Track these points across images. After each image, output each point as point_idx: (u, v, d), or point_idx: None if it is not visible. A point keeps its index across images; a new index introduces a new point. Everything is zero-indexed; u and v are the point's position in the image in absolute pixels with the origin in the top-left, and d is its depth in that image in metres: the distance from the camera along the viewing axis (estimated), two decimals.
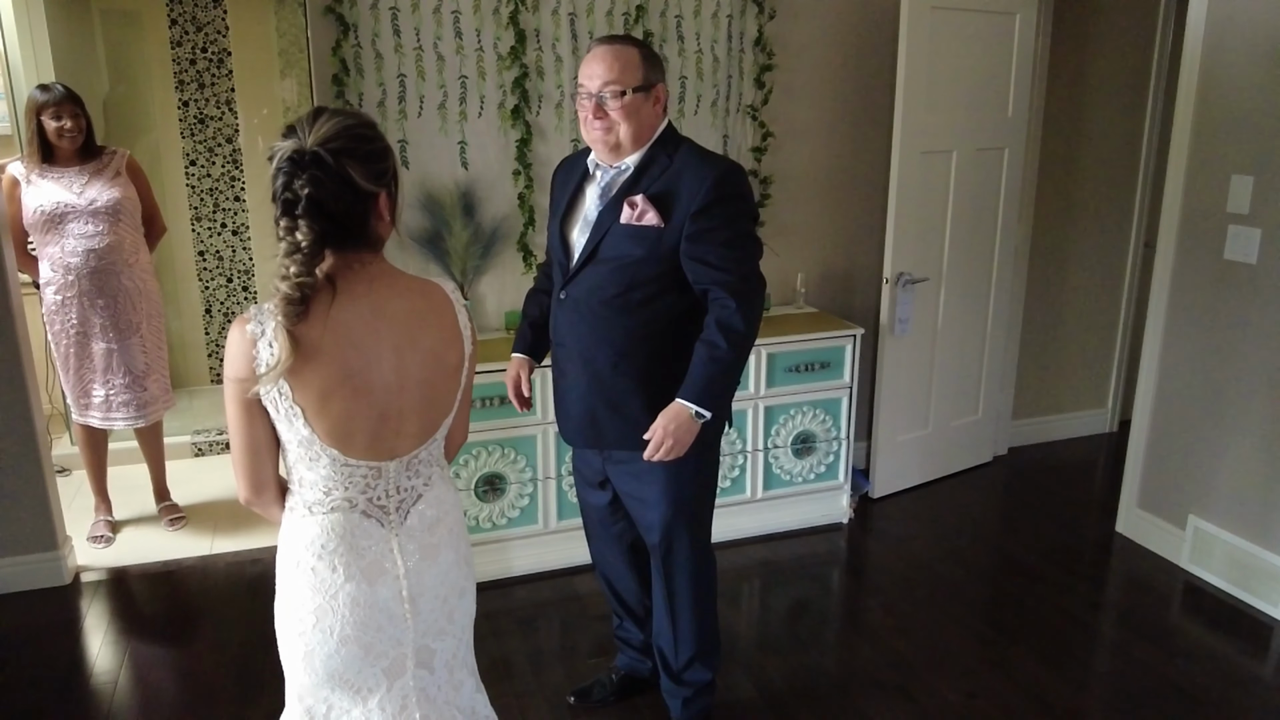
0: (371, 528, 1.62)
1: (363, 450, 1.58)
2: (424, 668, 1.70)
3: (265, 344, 1.49)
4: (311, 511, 1.61)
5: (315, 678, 1.65)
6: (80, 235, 3.44)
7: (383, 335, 1.55)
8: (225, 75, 4.93)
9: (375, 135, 1.55)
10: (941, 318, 4.03)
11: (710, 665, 2.56)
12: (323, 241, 1.48)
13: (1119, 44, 4.27)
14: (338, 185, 1.46)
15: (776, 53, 3.72)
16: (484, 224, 3.49)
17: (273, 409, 1.53)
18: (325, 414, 1.53)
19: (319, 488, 1.60)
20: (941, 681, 2.86)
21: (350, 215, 1.50)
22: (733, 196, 2.15)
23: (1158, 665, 2.94)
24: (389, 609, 1.63)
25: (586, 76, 2.14)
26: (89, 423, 3.64)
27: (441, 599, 1.69)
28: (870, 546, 3.73)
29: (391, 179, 1.57)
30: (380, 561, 1.62)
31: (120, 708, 2.74)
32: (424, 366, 1.60)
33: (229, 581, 3.44)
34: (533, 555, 3.43)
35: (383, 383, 1.56)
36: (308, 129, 1.48)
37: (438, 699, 1.73)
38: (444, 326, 1.64)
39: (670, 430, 2.13)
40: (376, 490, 1.62)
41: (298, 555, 1.61)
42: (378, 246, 1.59)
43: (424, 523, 1.67)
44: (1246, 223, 3.19)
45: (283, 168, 1.46)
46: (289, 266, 1.45)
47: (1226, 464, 3.34)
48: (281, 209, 1.46)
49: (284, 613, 1.65)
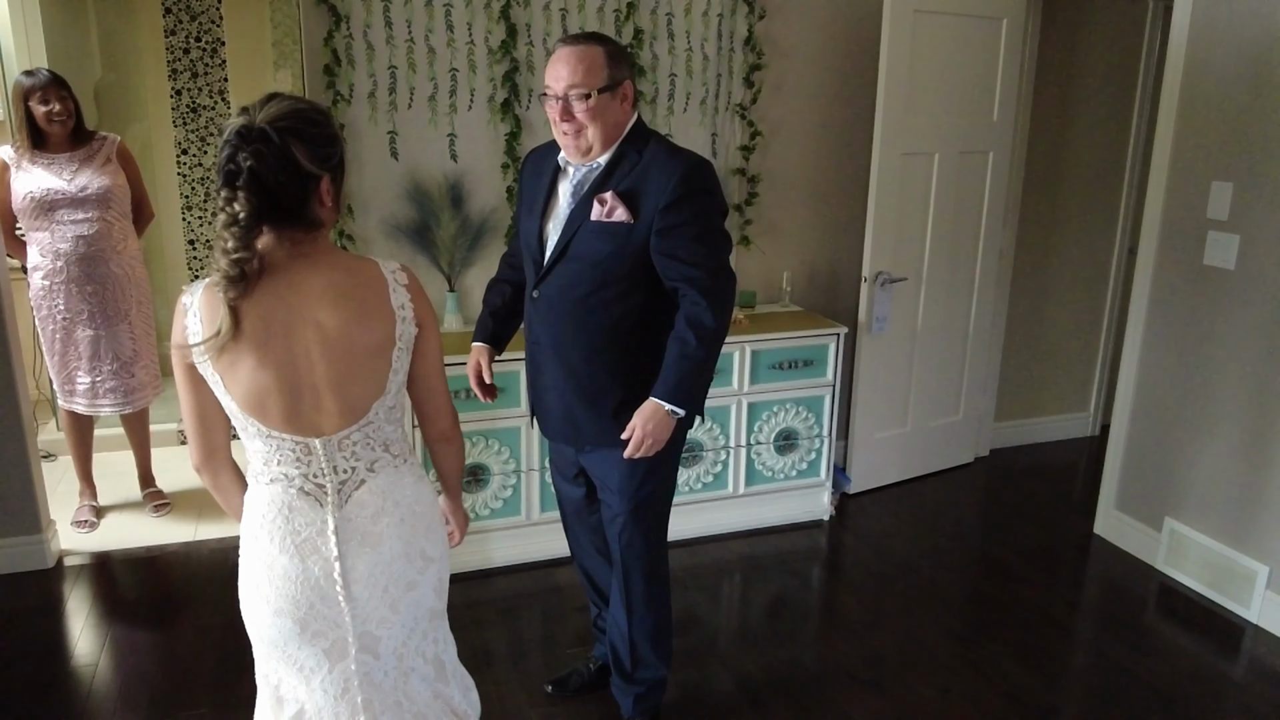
0: (308, 506, 1.65)
1: (280, 422, 1.61)
2: (368, 653, 1.71)
3: (193, 314, 1.57)
4: (257, 481, 1.68)
5: (261, 646, 1.72)
6: (70, 222, 3.45)
7: (293, 309, 1.58)
8: (219, 65, 4.94)
9: (325, 121, 1.59)
10: (921, 318, 4.07)
11: (663, 662, 2.55)
12: (259, 216, 1.52)
13: (1106, 50, 4.31)
14: (280, 162, 1.51)
15: (766, 52, 3.75)
16: (472, 216, 3.51)
17: (205, 376, 1.60)
18: (236, 382, 1.58)
19: (259, 458, 1.66)
20: (916, 677, 2.89)
21: (289, 192, 1.54)
22: (700, 191, 2.15)
23: (1130, 664, 2.97)
24: (320, 588, 1.65)
25: (552, 79, 2.12)
26: (74, 409, 3.65)
27: (382, 588, 1.69)
28: (850, 543, 3.76)
29: (337, 166, 1.61)
30: (314, 539, 1.65)
31: (100, 691, 2.76)
32: (335, 343, 1.60)
33: (212, 567, 3.45)
34: (515, 546, 3.45)
35: (288, 356, 1.58)
36: (259, 108, 1.53)
37: (384, 684, 1.74)
38: (366, 304, 1.62)
39: (649, 430, 2.14)
40: (310, 468, 1.65)
41: (248, 523, 1.69)
42: (315, 228, 1.61)
43: (365, 510, 1.68)
44: (1225, 229, 3.23)
45: (230, 139, 1.51)
46: (227, 240, 1.50)
47: (1203, 468, 3.38)
48: (224, 180, 1.51)
49: (240, 578, 1.72)
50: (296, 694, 1.72)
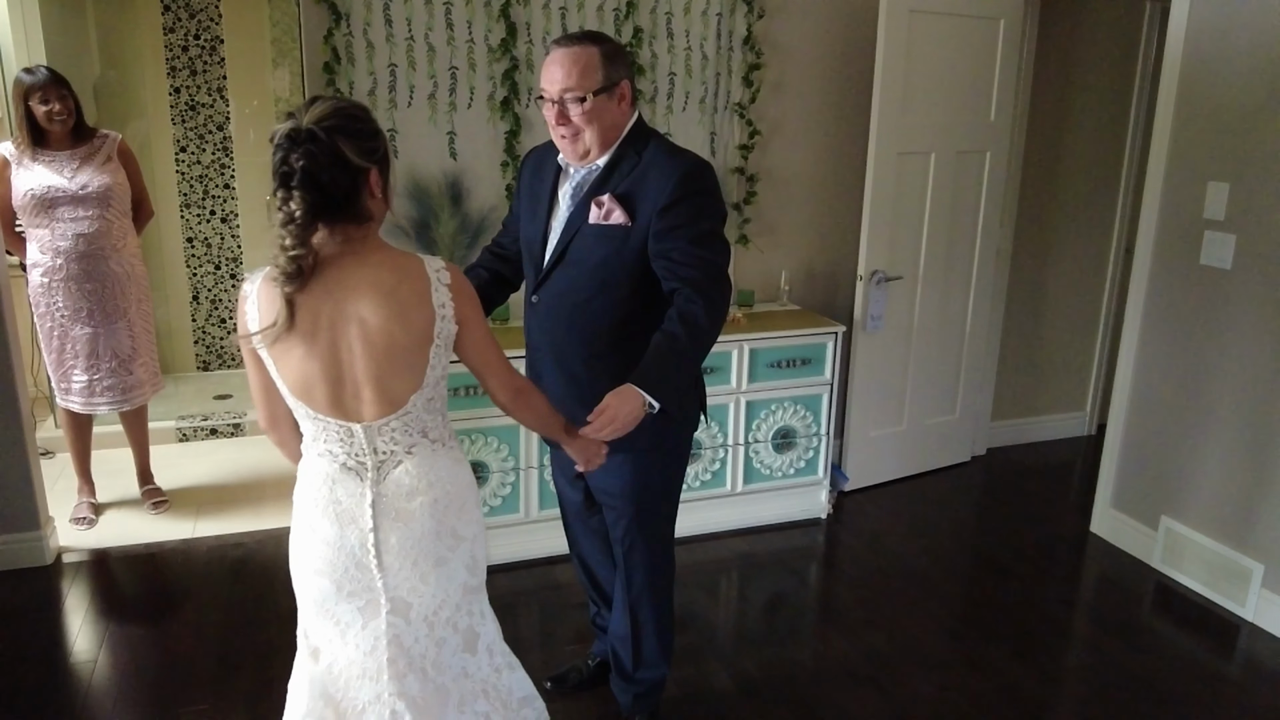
0: (350, 479, 1.77)
1: (325, 407, 1.72)
2: (399, 615, 1.81)
3: (252, 302, 1.69)
4: (308, 453, 1.81)
5: (304, 603, 1.85)
6: (70, 219, 3.45)
7: (339, 305, 1.66)
8: (217, 63, 4.95)
9: (367, 117, 1.68)
10: (917, 317, 4.08)
11: (664, 663, 2.54)
12: (314, 213, 1.60)
13: (1104, 51, 4.32)
14: (330, 159, 1.59)
15: (765, 52, 3.76)
16: (471, 214, 3.52)
17: (263, 358, 1.72)
18: (288, 368, 1.70)
19: (309, 434, 1.78)
20: (913, 674, 2.90)
21: (340, 187, 1.62)
22: (698, 193, 2.09)
23: (1126, 661, 2.99)
24: (355, 555, 1.77)
25: (547, 81, 2.07)
26: (70, 407, 3.65)
27: (411, 562, 1.79)
28: (848, 541, 3.77)
29: (382, 158, 1.69)
30: (353, 510, 1.76)
31: (99, 687, 2.76)
32: (375, 339, 1.68)
33: (210, 565, 3.45)
34: (514, 544, 3.45)
35: (332, 349, 1.68)
36: (304, 111, 1.62)
37: (412, 650, 1.82)
38: (407, 302, 1.69)
39: (621, 413, 1.94)
40: (353, 448, 1.76)
41: (299, 490, 1.82)
42: (365, 222, 1.69)
43: (401, 489, 1.77)
44: (1222, 229, 3.24)
45: (281, 144, 1.60)
46: (284, 238, 1.59)
47: (1199, 466, 3.39)
48: (279, 182, 1.59)
49: (290, 540, 1.85)
50: (332, 648, 1.83)
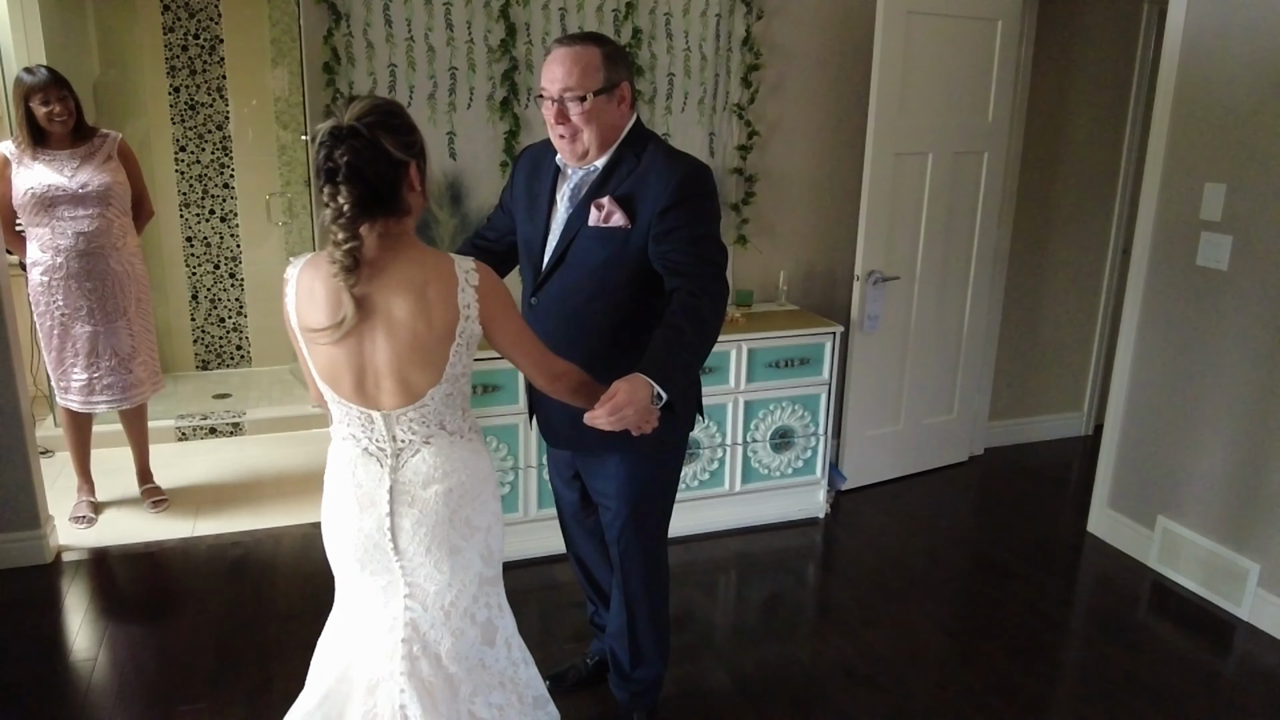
0: (371, 465, 1.84)
1: (349, 394, 1.79)
2: (416, 600, 1.87)
3: (291, 288, 1.77)
4: (336, 434, 1.88)
5: (336, 571, 1.95)
6: (70, 218, 3.45)
7: (369, 298, 1.71)
8: (217, 62, 4.95)
9: (402, 113, 1.74)
10: (915, 317, 4.09)
11: (661, 660, 2.55)
12: (361, 206, 1.66)
13: (1101, 52, 4.33)
14: (372, 153, 1.65)
15: (764, 53, 3.77)
16: (470, 214, 3.53)
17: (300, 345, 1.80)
18: (317, 355, 1.78)
19: (336, 417, 1.86)
20: (911, 673, 2.91)
21: (384, 180, 1.68)
22: (698, 195, 2.10)
23: (1123, 660, 3.00)
24: (373, 538, 1.85)
25: (547, 80, 2.07)
26: (69, 406, 3.65)
27: (425, 549, 1.85)
28: (846, 541, 3.78)
29: (420, 152, 1.76)
30: (372, 493, 1.84)
31: (98, 685, 2.77)
32: (399, 334, 1.73)
33: (210, 563, 3.46)
34: (513, 543, 3.43)
35: (358, 340, 1.74)
36: (344, 110, 1.68)
37: (429, 636, 1.87)
38: (433, 300, 1.73)
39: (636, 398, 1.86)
40: (373, 434, 1.82)
41: (328, 470, 1.90)
42: (405, 215, 1.75)
43: (418, 477, 1.83)
44: (1218, 230, 3.25)
45: (325, 142, 1.65)
46: (336, 233, 1.65)
47: (1195, 467, 3.41)
48: (325, 178, 1.66)
49: (322, 515, 1.93)
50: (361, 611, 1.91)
